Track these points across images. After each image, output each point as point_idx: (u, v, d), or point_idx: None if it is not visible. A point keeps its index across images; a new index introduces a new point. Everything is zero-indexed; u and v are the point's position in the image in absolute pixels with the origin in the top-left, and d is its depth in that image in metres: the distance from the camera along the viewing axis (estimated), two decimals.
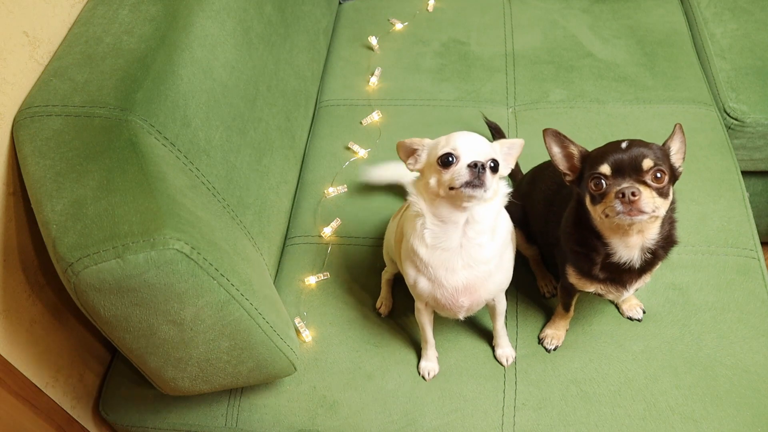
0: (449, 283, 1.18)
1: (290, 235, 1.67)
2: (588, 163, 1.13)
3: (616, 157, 1.08)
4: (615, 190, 1.05)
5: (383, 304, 1.49)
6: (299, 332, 1.45)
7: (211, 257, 1.03)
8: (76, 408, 1.47)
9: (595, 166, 1.09)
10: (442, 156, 1.10)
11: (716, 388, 1.31)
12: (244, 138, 1.47)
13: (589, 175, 1.10)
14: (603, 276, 1.21)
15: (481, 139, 1.14)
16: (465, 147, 1.10)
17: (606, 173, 1.08)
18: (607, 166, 1.08)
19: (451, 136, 1.13)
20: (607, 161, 1.08)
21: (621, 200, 1.04)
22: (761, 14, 2.03)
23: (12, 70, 1.20)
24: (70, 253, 0.96)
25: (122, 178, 1.05)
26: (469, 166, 1.07)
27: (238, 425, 1.38)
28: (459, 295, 1.19)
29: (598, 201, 1.10)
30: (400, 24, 2.15)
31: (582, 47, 2.02)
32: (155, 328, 1.05)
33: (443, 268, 1.17)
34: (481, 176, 1.06)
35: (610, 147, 1.11)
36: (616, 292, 1.23)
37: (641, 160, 1.06)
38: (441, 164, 1.10)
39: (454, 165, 1.09)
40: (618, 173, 1.07)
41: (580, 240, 1.20)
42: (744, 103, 1.82)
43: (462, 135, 1.13)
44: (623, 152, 1.08)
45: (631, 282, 1.21)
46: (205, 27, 1.39)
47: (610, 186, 1.07)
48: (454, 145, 1.10)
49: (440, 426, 1.32)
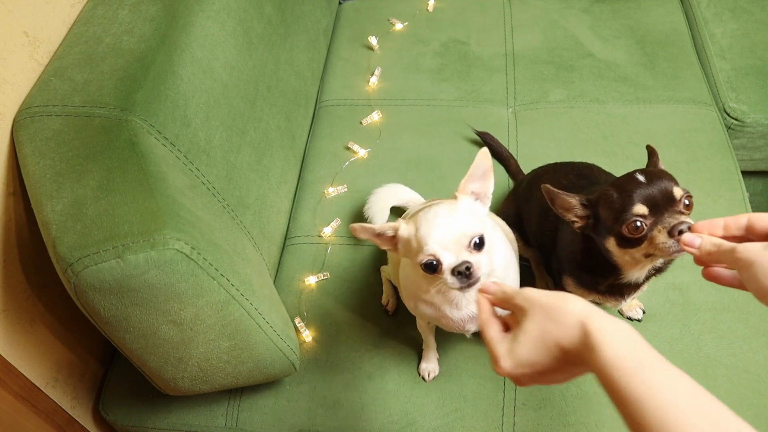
0: (455, 317, 1.16)
1: (290, 235, 1.67)
2: (605, 206, 1.04)
3: (645, 194, 0.99)
4: (665, 229, 0.97)
5: (389, 301, 1.48)
6: (299, 332, 1.45)
7: (211, 257, 1.03)
8: (76, 408, 1.47)
9: (626, 209, 1.00)
10: (424, 266, 0.99)
11: (716, 388, 1.30)
12: (244, 138, 1.47)
13: (621, 220, 1.01)
14: (603, 290, 1.21)
15: (448, 216, 1.00)
16: (438, 246, 0.97)
17: (643, 213, 0.99)
18: (642, 206, 0.99)
19: (421, 232, 0.99)
20: (637, 200, 0.99)
21: (676, 238, 0.95)
22: (761, 14, 2.03)
23: (12, 70, 1.20)
24: (70, 253, 0.96)
25: (122, 178, 1.05)
26: (453, 275, 0.97)
27: (238, 425, 1.38)
28: (465, 324, 1.18)
29: (634, 243, 1.01)
30: (400, 24, 2.15)
31: (582, 47, 2.02)
32: (155, 328, 1.05)
33: (448, 305, 1.14)
34: (470, 276, 0.97)
35: (629, 184, 1.02)
36: (615, 301, 1.23)
37: (671, 190, 0.99)
38: (425, 270, 0.99)
39: (439, 269, 0.98)
40: (654, 210, 0.99)
41: (587, 269, 1.18)
42: (744, 103, 1.82)
43: (433, 227, 0.98)
44: (648, 186, 1.00)
45: (630, 293, 1.21)
46: (205, 27, 1.39)
47: (652, 225, 0.99)
48: (427, 249, 0.97)
49: (440, 426, 1.32)
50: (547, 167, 1.47)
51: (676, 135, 1.76)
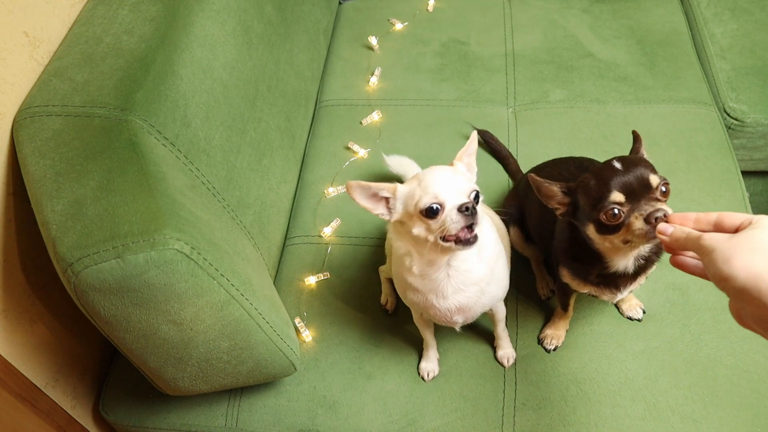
0: (441, 306, 1.18)
1: (290, 235, 1.67)
2: (581, 193, 1.07)
3: (621, 181, 1.01)
4: (641, 216, 0.99)
5: (389, 300, 1.49)
6: (299, 332, 1.45)
7: (211, 257, 1.03)
8: (76, 408, 1.47)
9: (604, 197, 1.02)
10: (426, 209, 1.03)
11: (716, 388, 1.31)
12: (244, 138, 1.47)
13: (598, 207, 1.03)
14: (597, 280, 1.21)
15: (455, 172, 1.09)
16: (446, 191, 1.04)
17: (620, 200, 1.01)
18: (618, 193, 1.01)
19: (425, 182, 1.06)
20: (614, 187, 1.01)
21: (652, 224, 0.96)
22: (761, 14, 2.03)
23: (12, 70, 1.20)
24: (70, 253, 0.96)
25: (122, 178, 1.05)
26: (459, 211, 1.02)
27: (238, 425, 1.38)
28: (452, 315, 1.20)
29: (614, 230, 1.03)
30: (400, 24, 2.15)
31: (582, 47, 2.02)
32: (155, 328, 1.05)
33: (433, 293, 1.17)
34: (475, 216, 1.02)
35: (606, 172, 1.04)
36: (610, 293, 1.23)
37: (647, 177, 1.01)
38: (426, 215, 1.04)
39: (440, 213, 1.03)
40: (631, 197, 1.01)
41: (575, 256, 1.20)
42: (744, 103, 1.82)
43: (437, 178, 1.06)
44: (624, 174, 1.02)
45: (625, 285, 1.21)
46: (205, 27, 1.39)
47: (629, 213, 1.01)
48: (434, 192, 1.03)
49: (440, 426, 1.32)
50: (549, 162, 1.47)
51: (676, 135, 1.76)
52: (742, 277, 0.69)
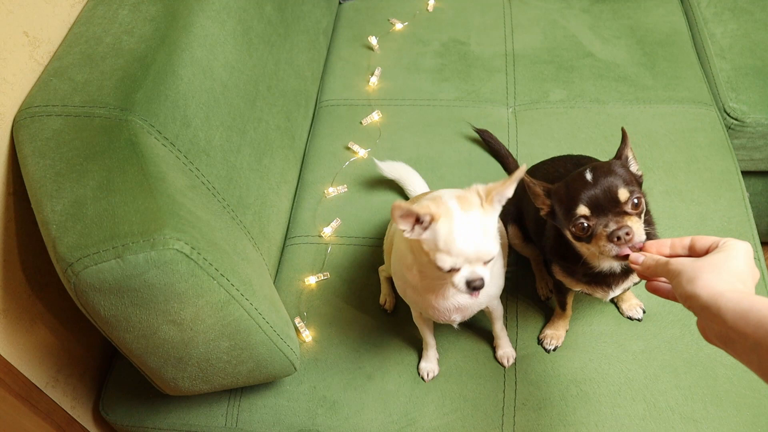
0: (441, 306, 1.20)
1: (290, 235, 1.67)
2: (555, 201, 1.08)
3: (589, 195, 1.02)
4: (605, 233, 0.99)
5: (387, 300, 1.49)
6: (299, 332, 1.45)
7: (211, 257, 1.03)
8: (76, 408, 1.47)
9: (572, 209, 1.03)
10: (438, 266, 1.02)
11: (716, 388, 1.31)
12: (244, 138, 1.47)
13: (567, 220, 1.04)
14: (586, 279, 1.21)
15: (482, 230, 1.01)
16: (464, 259, 1.01)
17: (585, 214, 1.02)
18: (585, 207, 1.02)
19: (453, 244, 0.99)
20: (581, 201, 1.02)
21: (615, 242, 0.98)
22: (761, 14, 2.03)
23: (12, 70, 1.20)
24: (70, 253, 0.96)
25: (122, 178, 1.05)
26: (467, 285, 1.02)
27: (238, 425, 1.38)
28: (451, 314, 1.22)
29: (586, 241, 1.04)
30: (400, 24, 2.15)
31: (582, 47, 2.02)
32: (155, 328, 1.05)
33: (433, 294, 1.18)
34: (478, 290, 1.03)
35: (576, 183, 1.05)
36: (602, 291, 1.23)
37: (616, 191, 1.01)
38: (437, 267, 1.03)
39: (452, 273, 1.03)
40: (597, 210, 1.01)
41: (562, 255, 1.21)
42: (744, 103, 1.82)
43: (463, 240, 0.99)
44: (593, 187, 1.02)
45: (617, 283, 1.21)
46: (205, 27, 1.39)
47: (596, 225, 1.02)
48: (453, 260, 1.00)
49: (440, 426, 1.32)
50: (547, 160, 1.48)
51: (676, 135, 1.76)
52: (704, 296, 0.74)
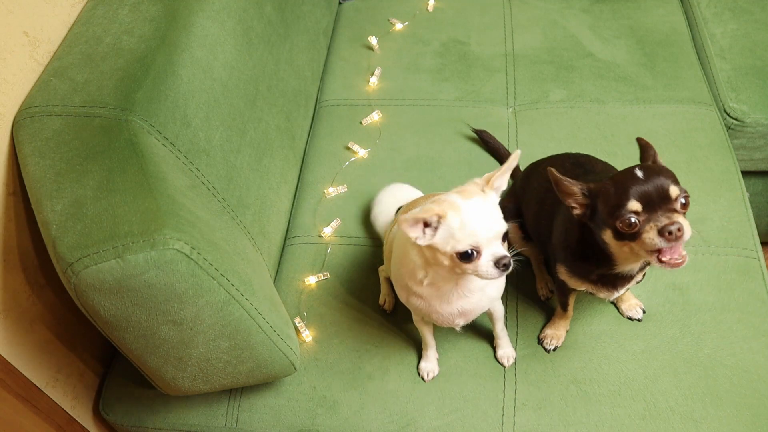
0: (445, 311, 1.20)
1: (290, 235, 1.67)
2: (603, 199, 1.06)
3: (641, 191, 1.01)
4: (656, 227, 0.99)
5: (387, 300, 1.49)
6: (299, 332, 1.45)
7: (211, 257, 1.03)
8: (76, 408, 1.47)
9: (622, 204, 1.01)
10: (461, 254, 1.03)
11: (716, 388, 1.31)
12: (244, 138, 1.47)
13: (615, 215, 1.02)
14: (596, 278, 1.21)
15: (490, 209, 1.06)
16: (484, 238, 1.02)
17: (637, 210, 1.01)
18: (637, 203, 1.00)
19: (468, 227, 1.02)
20: (633, 197, 1.01)
21: (666, 237, 0.98)
22: (761, 14, 2.03)
23: (12, 70, 1.20)
24: (70, 253, 0.96)
25: (122, 178, 1.05)
26: (496, 266, 1.03)
27: (238, 425, 1.38)
28: (454, 318, 1.22)
29: (629, 238, 1.03)
30: (400, 24, 2.15)
31: (582, 47, 2.02)
32: (155, 328, 1.05)
33: (438, 300, 1.18)
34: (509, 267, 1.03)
35: (627, 179, 1.04)
36: (607, 292, 1.23)
37: (668, 188, 1.01)
38: (460, 258, 1.03)
39: (476, 259, 1.03)
40: (648, 207, 1.00)
41: (579, 255, 1.19)
42: (744, 103, 1.82)
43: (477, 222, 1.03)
44: (645, 183, 1.01)
45: (623, 284, 1.21)
46: (205, 27, 1.39)
47: (645, 222, 1.01)
48: (473, 240, 1.02)
49: (440, 426, 1.32)
50: (545, 158, 1.47)
51: (676, 135, 1.75)
52: None
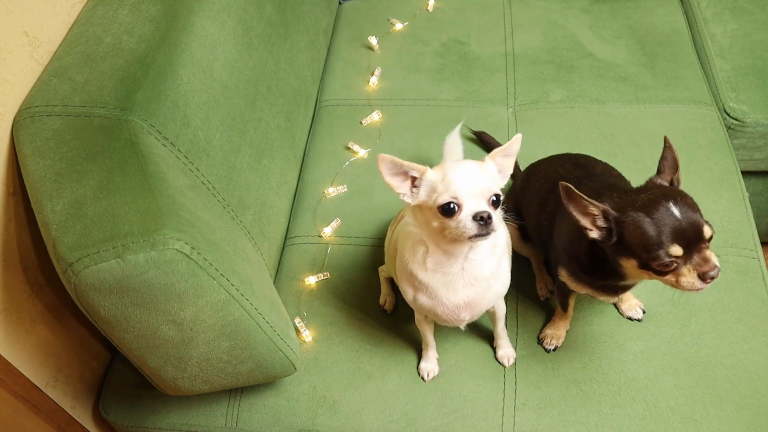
0: (450, 302, 1.18)
1: (290, 235, 1.67)
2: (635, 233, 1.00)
3: (680, 231, 0.98)
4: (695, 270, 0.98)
5: (387, 300, 1.49)
6: (299, 332, 1.45)
7: (211, 257, 1.03)
8: (76, 408, 1.47)
9: (662, 246, 0.98)
10: (443, 206, 1.03)
11: (716, 388, 1.31)
12: (244, 138, 1.47)
13: (653, 256, 0.99)
14: (598, 285, 1.21)
15: (478, 170, 1.07)
16: (465, 192, 1.03)
17: (678, 255, 0.98)
18: (679, 248, 0.98)
19: (448, 178, 1.04)
20: (675, 240, 0.98)
21: (707, 281, 0.98)
22: (761, 14, 2.03)
23: (12, 70, 1.20)
24: (70, 253, 0.96)
25: (122, 178, 1.05)
26: (474, 219, 1.02)
27: (238, 425, 1.38)
28: (460, 311, 1.20)
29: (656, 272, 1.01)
30: (400, 24, 2.15)
31: (582, 47, 2.02)
32: (155, 328, 1.05)
33: (444, 288, 1.17)
34: (489, 225, 1.02)
35: (663, 215, 0.99)
36: (608, 296, 1.23)
37: (701, 228, 0.99)
38: (442, 213, 1.04)
39: (457, 214, 1.03)
40: (687, 249, 0.98)
41: (588, 269, 1.18)
42: (744, 103, 1.82)
43: (459, 175, 1.04)
44: (681, 221, 0.98)
45: (624, 290, 1.22)
46: (205, 27, 1.39)
47: (682, 264, 0.99)
48: (453, 192, 1.03)
49: (440, 426, 1.32)
50: (544, 159, 1.47)
51: (676, 135, 1.75)
52: None
